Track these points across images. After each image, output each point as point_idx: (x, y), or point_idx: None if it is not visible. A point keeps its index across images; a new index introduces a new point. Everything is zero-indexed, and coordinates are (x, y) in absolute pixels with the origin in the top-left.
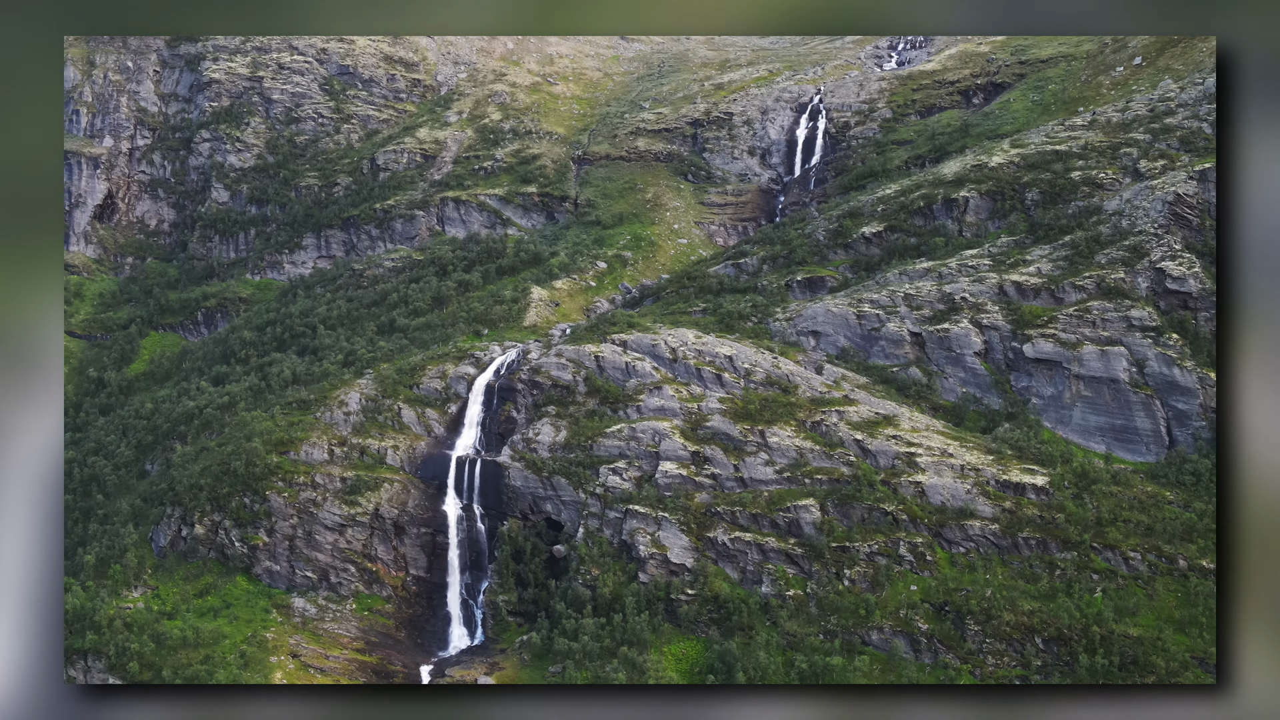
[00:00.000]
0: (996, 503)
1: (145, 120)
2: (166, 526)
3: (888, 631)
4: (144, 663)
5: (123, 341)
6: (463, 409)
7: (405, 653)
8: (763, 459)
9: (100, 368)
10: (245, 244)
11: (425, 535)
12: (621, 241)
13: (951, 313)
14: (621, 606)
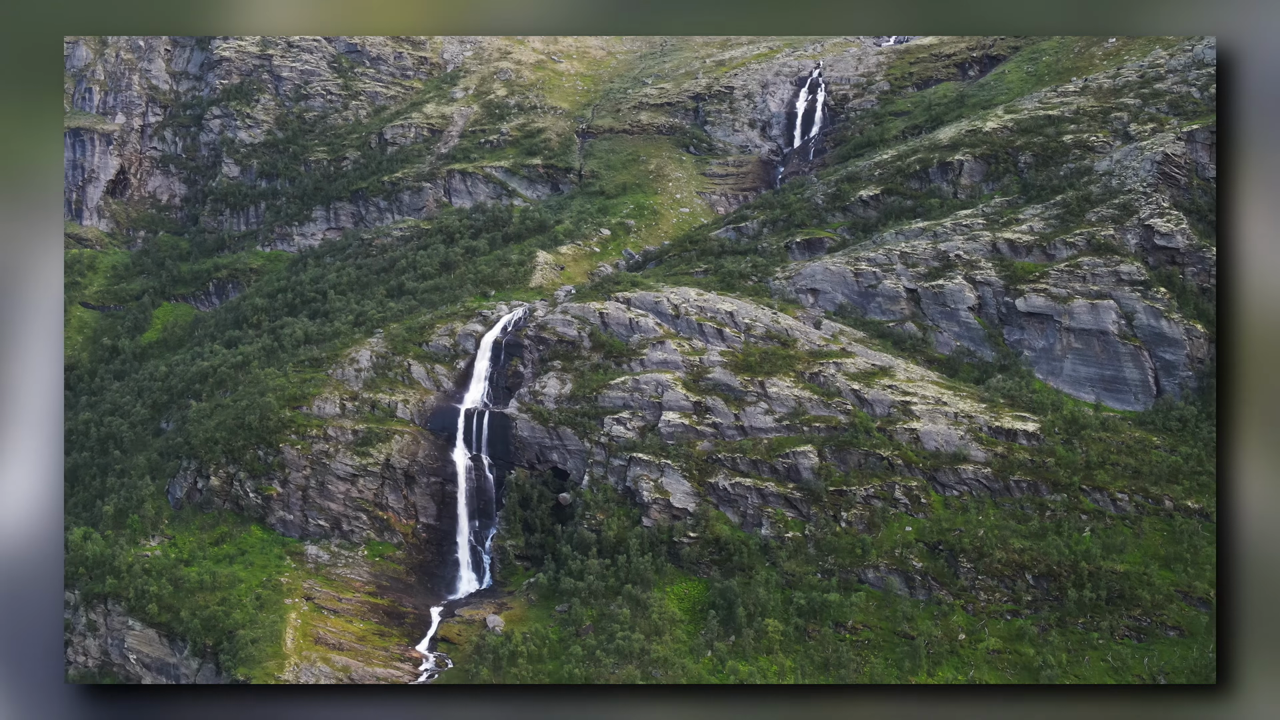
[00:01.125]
0: (989, 448)
1: (156, 98)
2: (183, 479)
3: (883, 569)
4: (162, 605)
5: (136, 311)
6: (471, 364)
7: (416, 595)
8: (762, 408)
9: (114, 336)
10: (255, 217)
11: (435, 484)
12: (625, 210)
13: (946, 270)
14: (625, 549)
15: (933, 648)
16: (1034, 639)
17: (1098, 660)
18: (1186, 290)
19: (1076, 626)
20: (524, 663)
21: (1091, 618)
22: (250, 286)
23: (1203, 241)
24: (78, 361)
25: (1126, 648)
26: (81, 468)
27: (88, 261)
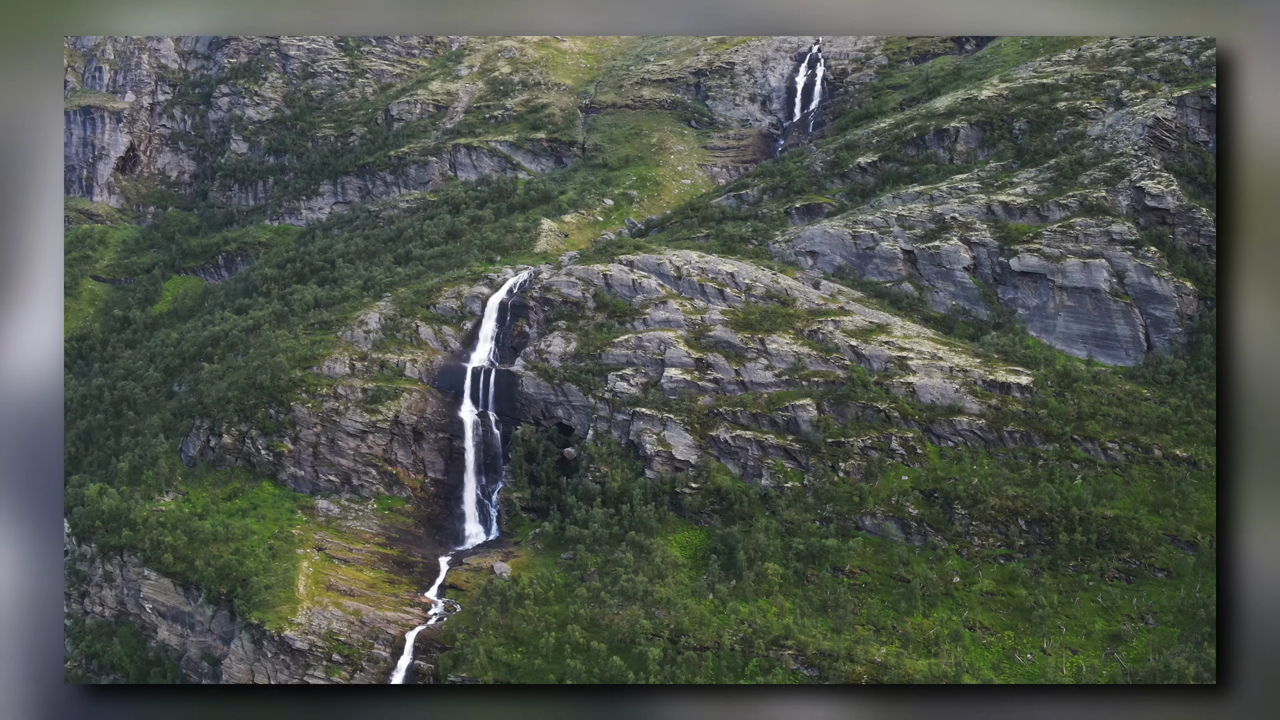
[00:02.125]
0: (983, 400)
1: (166, 76)
2: (195, 437)
3: (880, 516)
4: (177, 555)
5: (146, 284)
6: (477, 325)
7: (424, 546)
8: (762, 364)
9: (125, 307)
10: (264, 192)
11: (443, 440)
12: (628, 182)
13: (942, 231)
14: (629, 499)
15: (928, 590)
16: (1026, 581)
17: (1088, 601)
18: (1177, 249)
19: (1068, 569)
20: (530, 604)
21: (1082, 560)
22: (259, 259)
23: (1192, 203)
24: (89, 332)
25: (1116, 589)
26: (96, 429)
27: (99, 236)
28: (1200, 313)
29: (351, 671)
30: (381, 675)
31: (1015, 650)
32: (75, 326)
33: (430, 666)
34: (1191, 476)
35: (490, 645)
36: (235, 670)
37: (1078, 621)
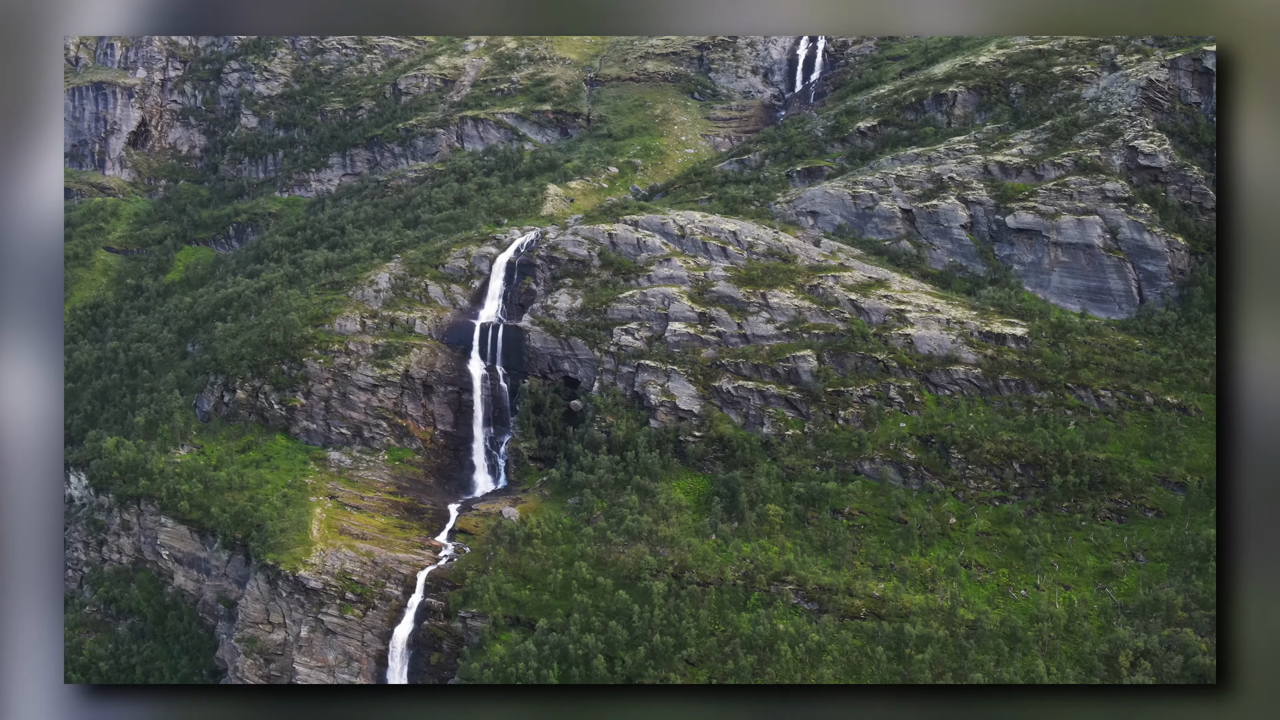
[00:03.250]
0: (979, 350)
1: (176, 53)
2: (210, 393)
3: (878, 461)
4: (193, 503)
5: (159, 254)
6: (485, 283)
7: (434, 495)
8: (764, 318)
9: (138, 276)
10: (274, 165)
11: (452, 393)
12: (632, 151)
13: (939, 191)
14: (634, 446)
15: (925, 530)
16: (1021, 521)
17: (1080, 540)
18: (1169, 206)
19: (1061, 510)
20: (538, 543)
21: (1075, 501)
22: (270, 228)
23: (1184, 161)
24: (103, 299)
25: (1108, 528)
26: (111, 389)
27: (111, 209)
28: (1191, 267)
29: (364, 610)
30: (393, 613)
31: (1009, 586)
32: (88, 295)
33: (441, 604)
34: (1182, 421)
35: (499, 582)
36: (251, 610)
37: (1070, 559)
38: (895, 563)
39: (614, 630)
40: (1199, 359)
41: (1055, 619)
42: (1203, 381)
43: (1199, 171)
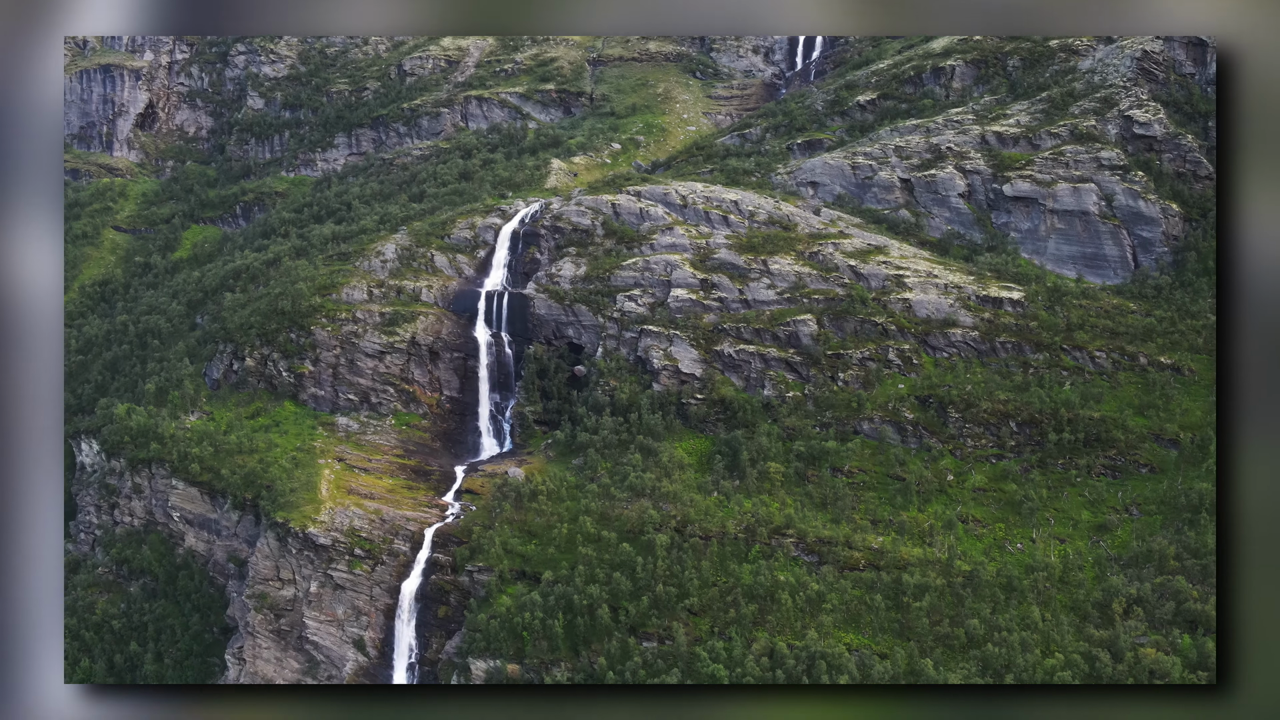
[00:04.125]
0: (976, 314)
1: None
2: (219, 361)
3: (877, 421)
4: (204, 465)
5: (166, 233)
6: (490, 253)
7: (441, 458)
8: (765, 283)
9: (146, 254)
10: (280, 145)
11: (458, 359)
12: (635, 128)
13: (938, 161)
14: (637, 408)
15: (923, 487)
16: (1017, 478)
17: (1075, 495)
18: (1163, 174)
19: (1056, 467)
20: (543, 499)
21: (1070, 458)
22: (276, 207)
23: (1178, 130)
24: (112, 276)
25: (1102, 483)
26: (121, 359)
27: (119, 189)
28: (1185, 233)
29: (373, 565)
30: (401, 568)
31: (1006, 540)
32: (97, 273)
33: (448, 559)
34: (1175, 381)
35: (505, 537)
36: (261, 567)
37: (1065, 514)
38: (893, 518)
39: (618, 581)
40: (1192, 321)
41: (1050, 569)
42: (1196, 343)
43: (1193, 140)
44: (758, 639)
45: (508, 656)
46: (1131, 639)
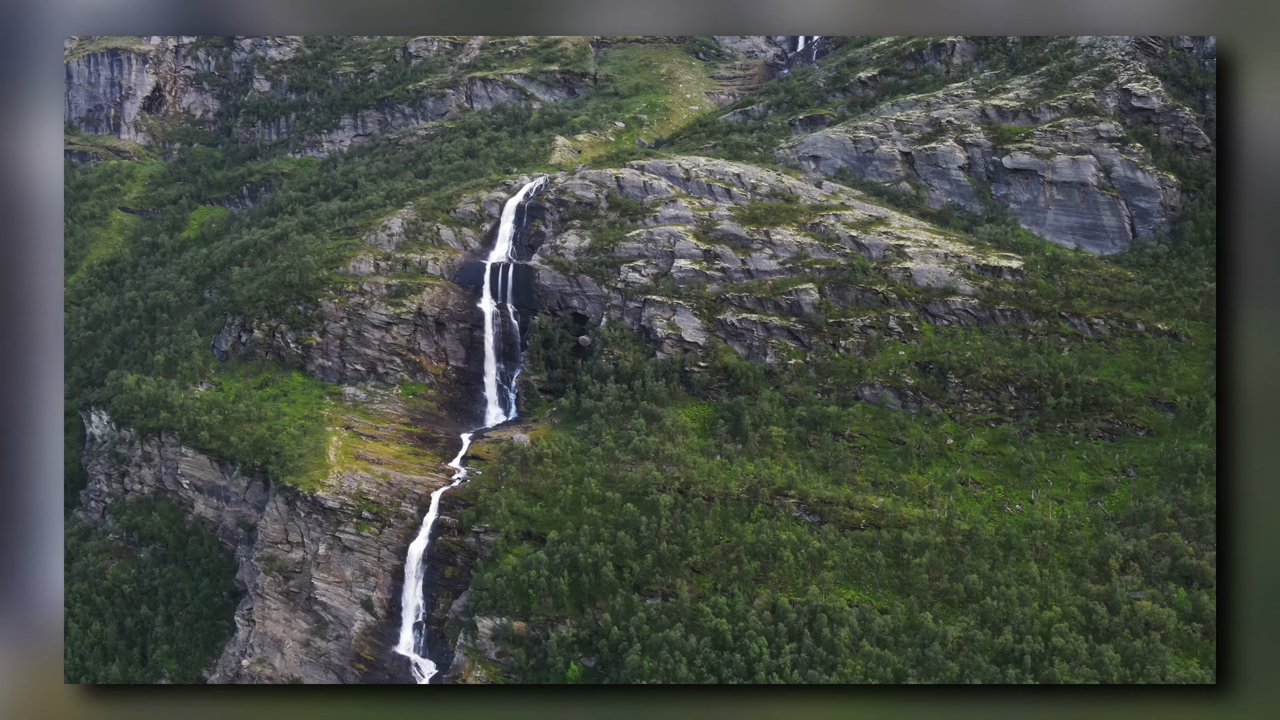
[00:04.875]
0: (976, 282)
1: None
2: (227, 333)
3: (878, 386)
4: (213, 433)
5: (174, 213)
6: (496, 226)
7: (447, 425)
8: (767, 254)
9: (154, 234)
10: (286, 127)
11: (463, 330)
12: (638, 107)
13: (938, 134)
14: (641, 376)
15: (923, 450)
16: (1016, 441)
17: (1074, 458)
18: (1161, 145)
19: (1055, 430)
20: (549, 462)
21: (1068, 422)
22: (283, 187)
23: (1176, 103)
24: (120, 255)
25: (1100, 446)
26: (131, 333)
27: (126, 171)
28: (1183, 203)
29: (380, 527)
30: (409, 530)
31: (1005, 501)
32: (105, 253)
33: (455, 521)
34: (1172, 347)
35: (511, 499)
36: (270, 530)
37: (1064, 475)
38: (894, 480)
39: (622, 540)
40: (1189, 288)
41: (1048, 528)
42: (1193, 309)
43: (1190, 113)
44: (760, 595)
45: (514, 614)
46: (1128, 592)
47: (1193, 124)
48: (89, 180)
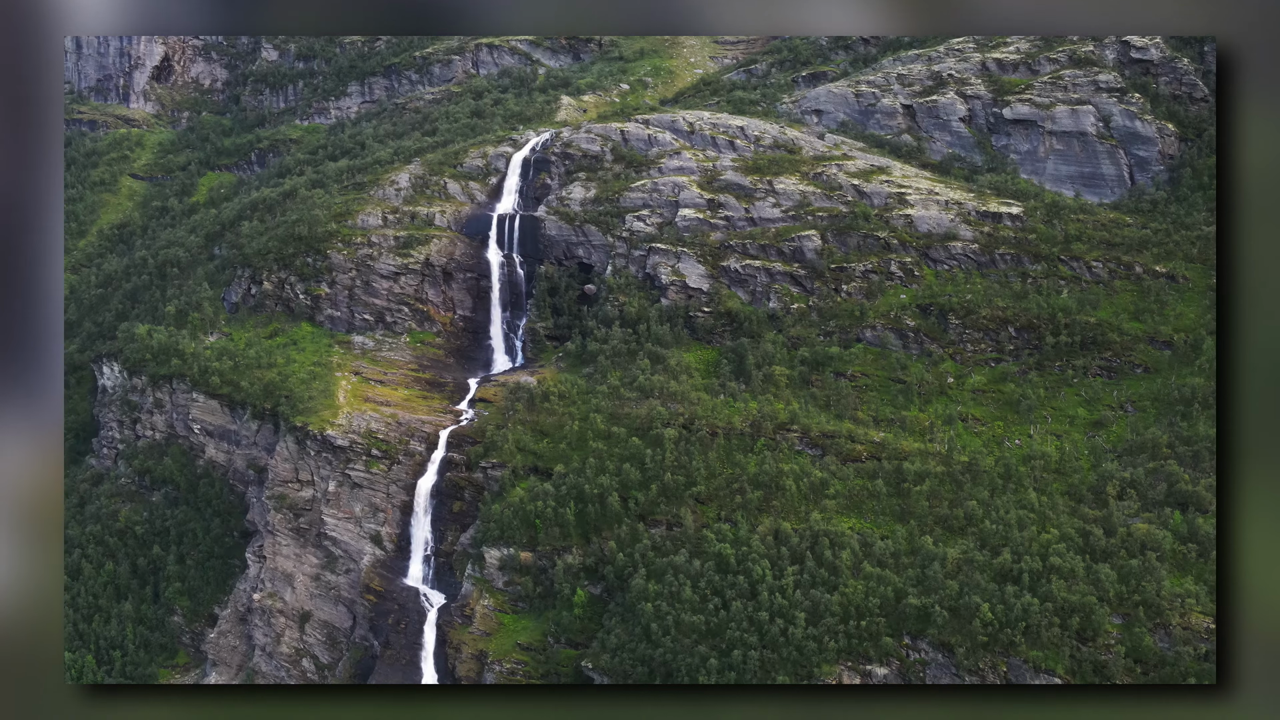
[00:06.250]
0: (976, 228)
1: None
2: (237, 285)
3: (879, 328)
4: (224, 379)
5: (183, 179)
6: (502, 180)
7: (454, 372)
8: (770, 202)
9: (163, 199)
10: (294, 95)
11: (470, 280)
12: (643, 71)
13: (939, 87)
14: (646, 320)
15: (924, 389)
16: (1015, 379)
17: (1072, 395)
18: (1159, 95)
19: (1054, 369)
20: (555, 400)
21: (1067, 360)
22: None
23: (1175, 54)
24: (130, 220)
25: (1098, 383)
26: (141, 289)
27: (135, 139)
28: (1181, 151)
29: (389, 464)
30: (417, 467)
31: (1004, 437)
32: (114, 217)
33: (462, 458)
34: (1170, 288)
35: (518, 436)
36: (280, 469)
37: (1062, 412)
38: (895, 416)
39: (627, 472)
40: (1187, 232)
41: (1047, 459)
42: (1190, 252)
43: (1189, 64)
44: (762, 522)
45: (521, 544)
46: (1125, 517)
47: (1191, 74)
48: (98, 148)
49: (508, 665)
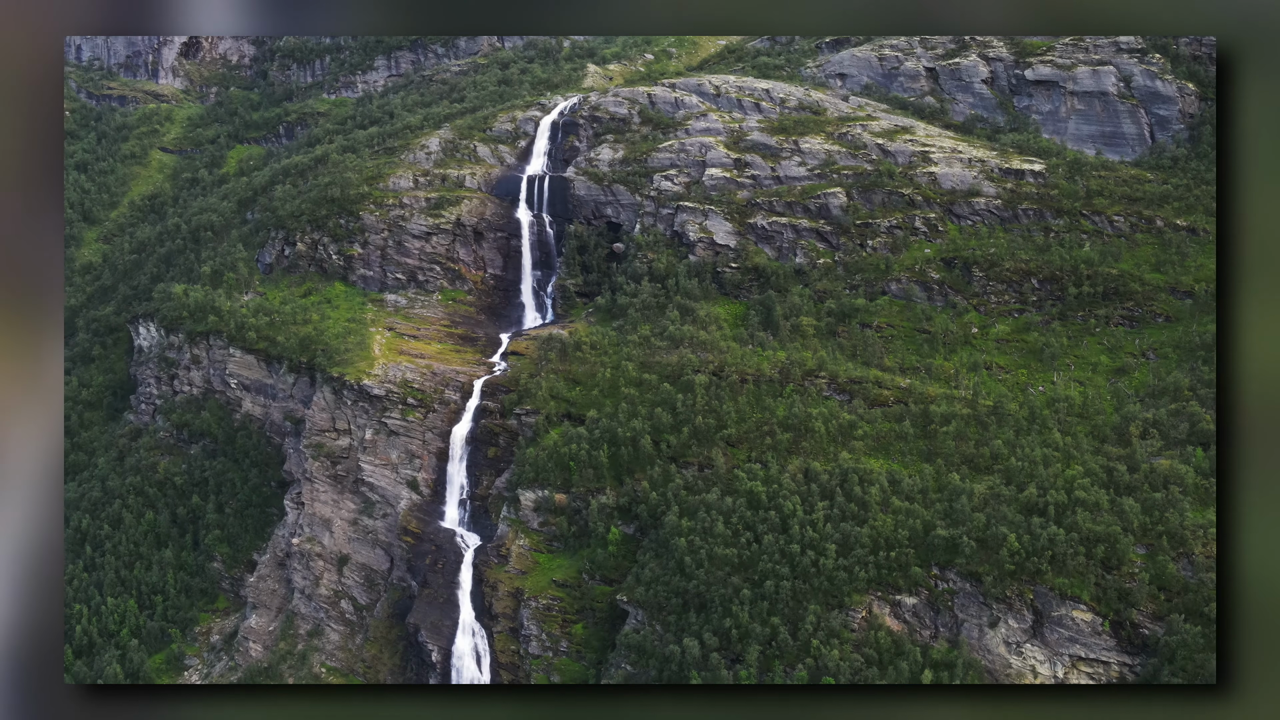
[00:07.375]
0: (999, 184)
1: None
2: (271, 247)
3: (905, 281)
4: (260, 334)
5: (212, 152)
6: (531, 143)
7: (485, 328)
8: (796, 161)
9: (194, 170)
10: (321, 69)
11: (501, 239)
12: (667, 41)
13: (961, 50)
14: (675, 275)
15: (948, 338)
16: (1038, 329)
17: (1095, 344)
18: (1179, 56)
19: (1076, 319)
20: (587, 350)
21: (1089, 310)
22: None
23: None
24: (160, 191)
25: (1120, 332)
26: (176, 253)
27: (165, 114)
28: (1201, 110)
29: (425, 413)
30: (452, 415)
31: (1028, 384)
32: (145, 189)
33: (497, 406)
34: (1190, 241)
35: (552, 384)
36: (318, 419)
37: (1085, 360)
38: (920, 364)
39: (659, 416)
40: (1207, 187)
41: (1071, 402)
42: (1210, 206)
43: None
44: (792, 463)
45: (555, 487)
46: (1147, 454)
47: (1210, 35)
48: (129, 122)
49: (544, 601)
